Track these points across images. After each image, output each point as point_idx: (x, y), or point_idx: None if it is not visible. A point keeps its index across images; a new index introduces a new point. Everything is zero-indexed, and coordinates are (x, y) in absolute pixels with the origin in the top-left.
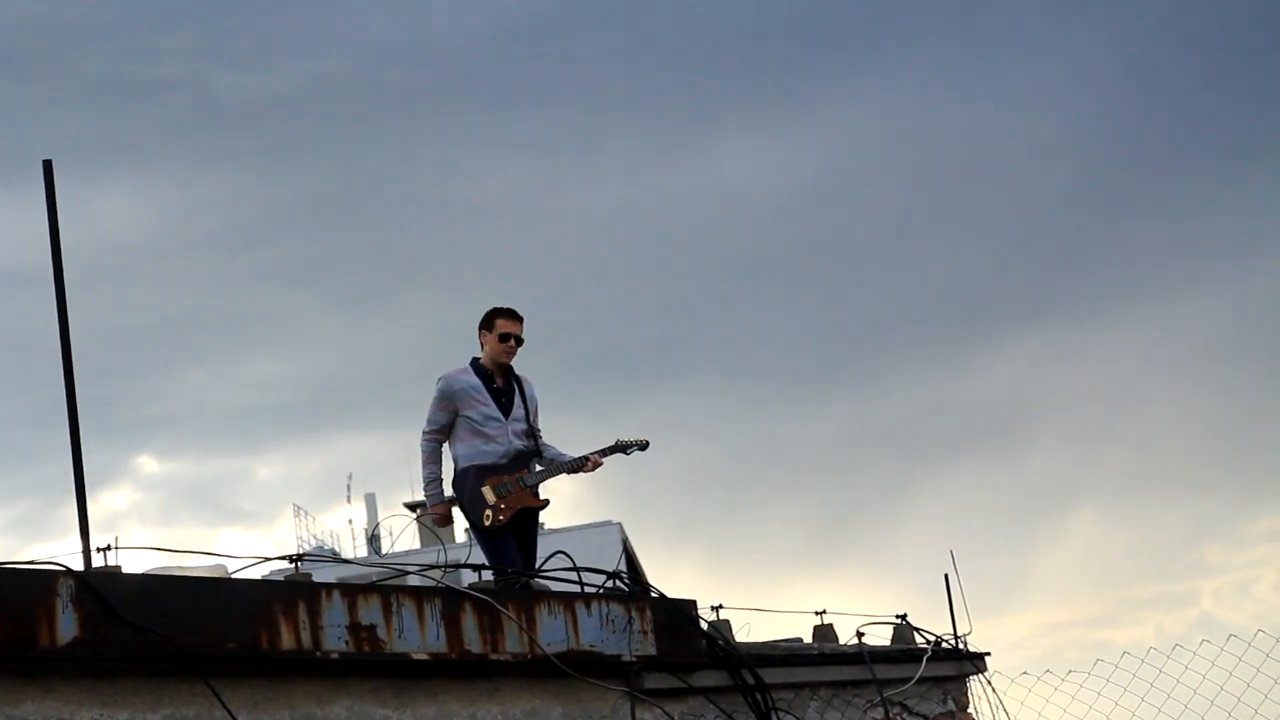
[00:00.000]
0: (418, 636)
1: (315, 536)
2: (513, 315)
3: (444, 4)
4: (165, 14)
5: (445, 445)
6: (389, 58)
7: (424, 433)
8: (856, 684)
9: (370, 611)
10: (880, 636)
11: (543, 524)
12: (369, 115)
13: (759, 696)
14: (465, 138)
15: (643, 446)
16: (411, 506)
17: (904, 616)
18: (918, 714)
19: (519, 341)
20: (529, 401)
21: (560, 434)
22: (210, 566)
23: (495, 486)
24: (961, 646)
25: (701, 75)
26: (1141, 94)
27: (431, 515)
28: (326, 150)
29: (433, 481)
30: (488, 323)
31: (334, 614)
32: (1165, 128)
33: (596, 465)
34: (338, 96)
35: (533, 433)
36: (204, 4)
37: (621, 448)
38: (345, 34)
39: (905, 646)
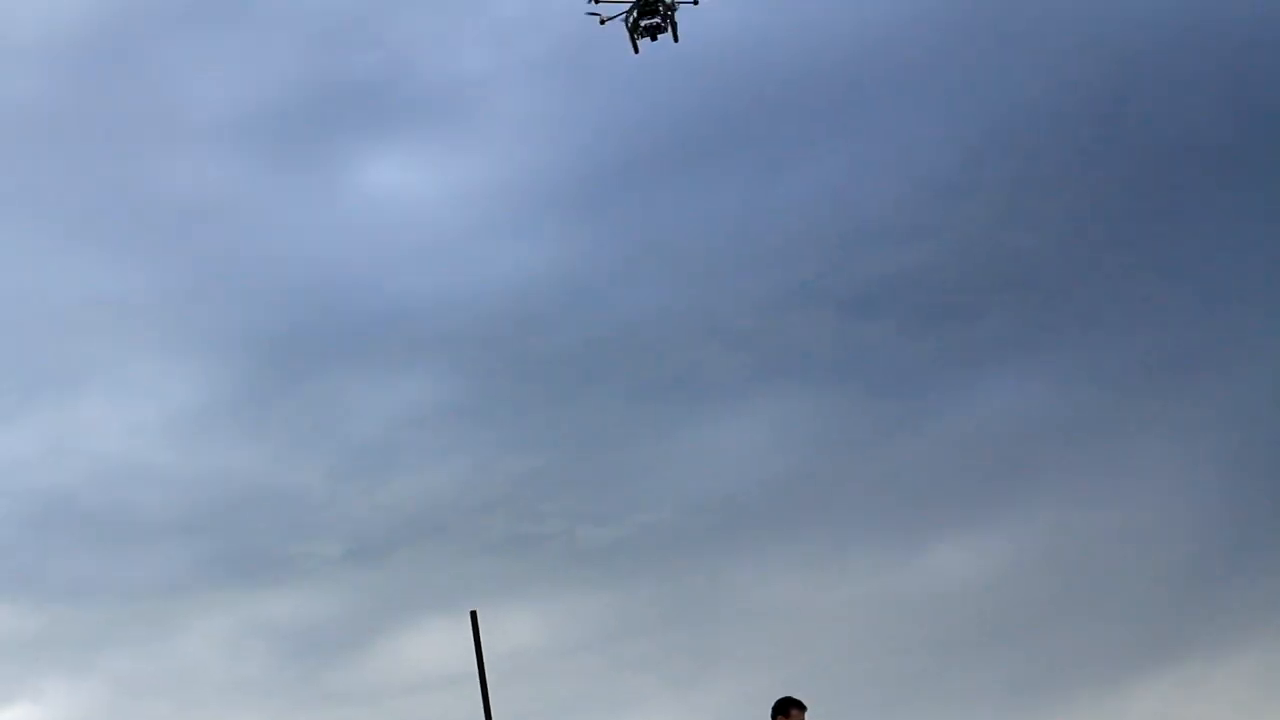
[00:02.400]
0: None
1: None
2: (803, 706)
3: (742, 465)
4: (548, 487)
5: None
6: (702, 508)
7: None
8: None
9: None
10: None
11: None
12: (689, 549)
13: None
14: (755, 556)
15: None
16: None
17: None
18: None
19: None
20: None
21: None
22: None
23: None
24: None
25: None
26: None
27: None
28: (658, 575)
29: None
30: (783, 709)
31: None
32: None
33: None
34: (666, 537)
35: None
36: (575, 475)
37: None
38: (672, 489)
39: None
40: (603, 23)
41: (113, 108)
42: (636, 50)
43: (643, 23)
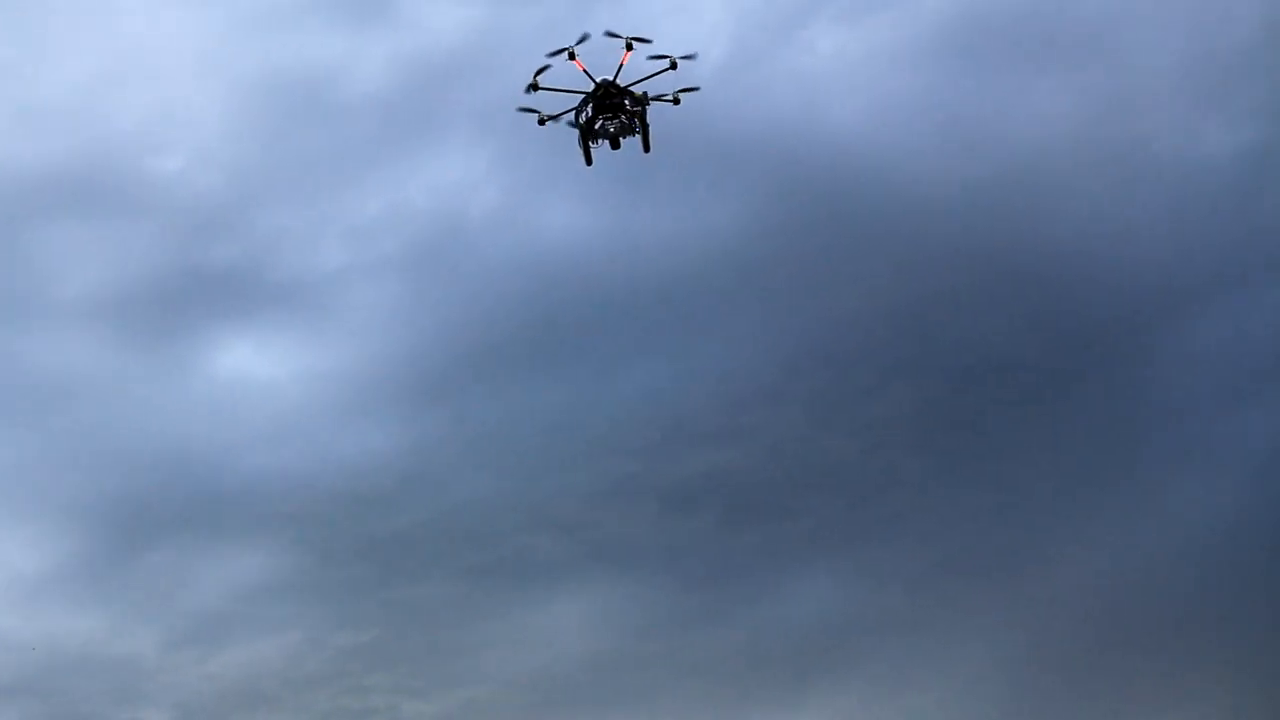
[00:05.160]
0: None
1: None
2: None
3: (564, 645)
4: (376, 662)
5: None
6: (524, 685)
7: None
8: None
9: None
10: None
11: None
12: None
13: None
14: None
15: None
16: None
17: None
18: None
19: None
20: None
21: None
22: None
23: None
24: None
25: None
26: None
27: None
28: None
29: None
30: None
31: None
32: None
33: None
34: (488, 713)
35: None
36: (404, 651)
37: None
38: (496, 666)
39: None
40: (541, 123)
41: None
42: (589, 161)
43: (598, 124)
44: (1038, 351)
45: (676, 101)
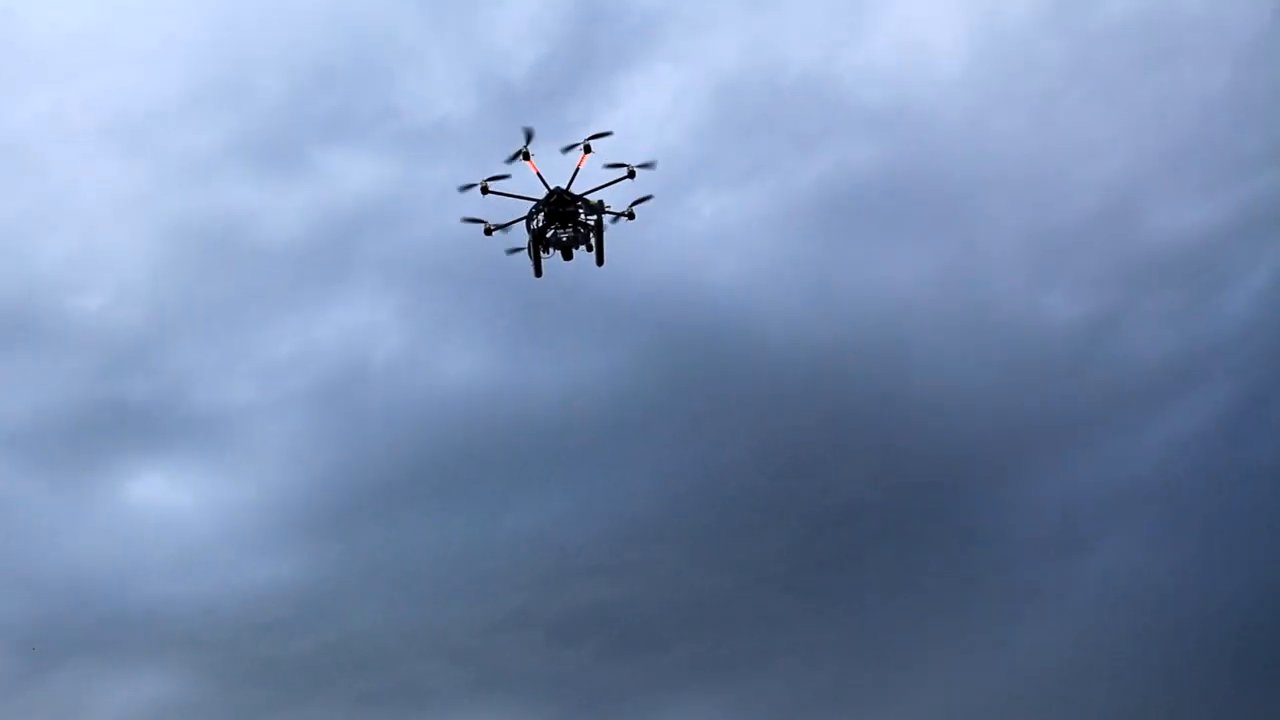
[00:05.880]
0: None
1: None
2: None
3: None
4: None
5: None
6: None
7: None
8: None
9: None
10: None
11: None
12: None
13: None
14: None
15: None
16: None
17: None
18: None
19: None
20: None
21: None
22: None
23: None
24: None
25: None
26: None
27: None
28: None
29: None
30: None
31: None
32: None
33: None
34: None
35: None
36: None
37: None
38: None
39: None
40: (488, 233)
41: None
42: (539, 273)
43: (550, 234)
44: (893, 498)
45: (631, 216)
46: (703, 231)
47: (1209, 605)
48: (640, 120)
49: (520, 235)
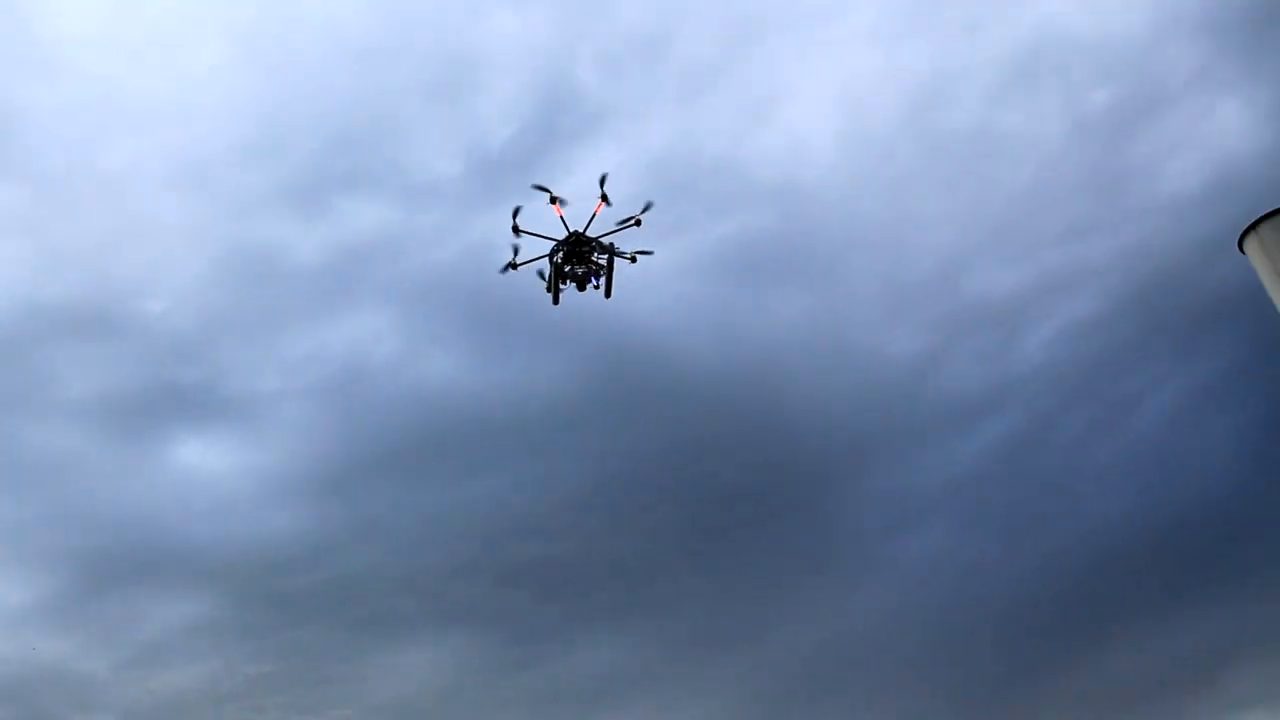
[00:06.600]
0: None
1: None
2: None
3: (418, 680)
4: (276, 687)
5: None
6: (385, 710)
7: None
8: None
9: None
10: None
11: None
12: None
13: None
14: None
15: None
16: None
17: None
18: None
19: None
20: None
21: None
22: None
23: None
24: None
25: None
26: None
27: None
28: None
29: None
30: None
31: None
32: None
33: None
34: None
35: None
36: (297, 679)
37: None
38: (363, 694)
39: None
40: (504, 271)
41: None
42: (557, 301)
43: (567, 268)
44: (762, 486)
45: (633, 260)
46: (633, 274)
47: (1003, 579)
48: (589, 185)
49: (527, 272)
